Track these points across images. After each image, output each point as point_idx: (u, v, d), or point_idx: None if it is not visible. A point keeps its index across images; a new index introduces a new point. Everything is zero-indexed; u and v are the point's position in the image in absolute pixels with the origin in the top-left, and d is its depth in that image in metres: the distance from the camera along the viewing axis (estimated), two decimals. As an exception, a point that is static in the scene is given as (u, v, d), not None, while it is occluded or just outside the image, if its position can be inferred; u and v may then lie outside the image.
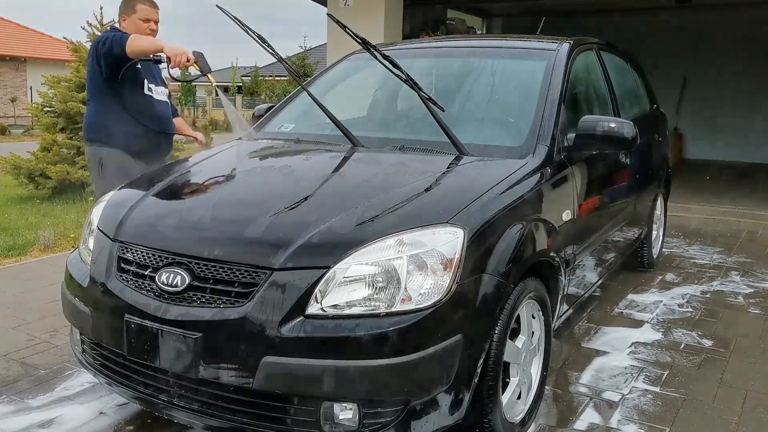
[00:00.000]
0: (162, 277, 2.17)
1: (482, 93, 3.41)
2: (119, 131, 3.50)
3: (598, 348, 3.47)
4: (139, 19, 3.61)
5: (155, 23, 3.68)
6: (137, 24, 3.61)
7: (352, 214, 2.22)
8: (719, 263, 5.20)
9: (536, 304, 2.58)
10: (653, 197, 4.76)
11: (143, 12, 3.62)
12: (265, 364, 1.98)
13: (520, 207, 2.50)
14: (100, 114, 3.53)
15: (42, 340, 3.46)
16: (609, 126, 2.92)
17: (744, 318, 3.99)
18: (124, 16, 3.65)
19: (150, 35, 3.62)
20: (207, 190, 2.76)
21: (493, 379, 2.26)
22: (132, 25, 3.61)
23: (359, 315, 2.01)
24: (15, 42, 27.25)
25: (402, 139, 3.03)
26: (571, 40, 3.52)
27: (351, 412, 2.03)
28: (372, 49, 2.95)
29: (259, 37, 3.10)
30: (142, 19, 3.62)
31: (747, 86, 10.84)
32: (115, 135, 3.51)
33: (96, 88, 3.52)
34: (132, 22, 3.62)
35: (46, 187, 7.75)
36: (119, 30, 3.61)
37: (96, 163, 3.56)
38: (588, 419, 2.74)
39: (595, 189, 3.30)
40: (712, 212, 7.15)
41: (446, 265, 2.09)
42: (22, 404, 2.80)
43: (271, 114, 3.66)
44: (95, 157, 3.57)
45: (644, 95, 4.96)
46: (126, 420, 2.68)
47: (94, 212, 2.67)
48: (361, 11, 8.00)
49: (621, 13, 10.97)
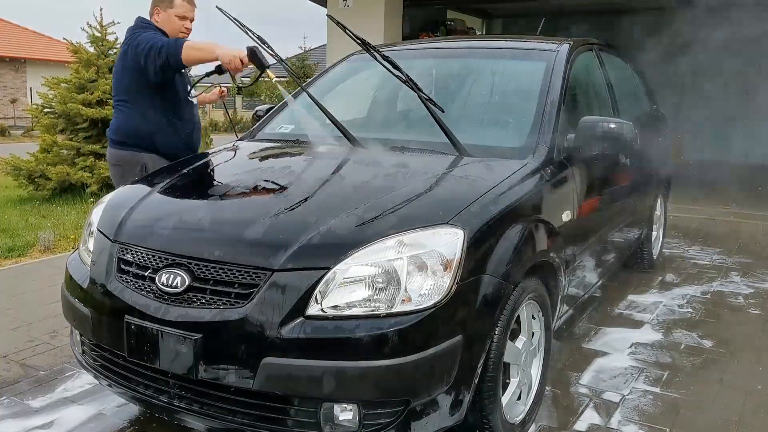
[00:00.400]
0: (162, 278, 2.17)
1: (482, 94, 3.40)
2: (165, 138, 3.37)
3: (599, 349, 3.47)
4: (175, 15, 3.36)
5: (191, 21, 3.44)
6: (172, 21, 3.36)
7: (352, 215, 2.22)
8: (719, 264, 5.20)
9: (536, 305, 2.58)
10: (653, 198, 4.76)
11: (181, 8, 3.37)
12: (266, 365, 1.98)
13: (520, 208, 2.50)
14: (145, 119, 3.33)
15: (42, 341, 3.46)
16: (609, 127, 2.92)
17: (744, 318, 3.99)
18: (158, 9, 3.38)
19: (185, 34, 3.41)
20: (207, 191, 2.76)
21: (493, 379, 2.26)
22: (166, 21, 3.37)
23: (359, 316, 2.01)
24: (15, 43, 27.25)
25: (402, 139, 3.04)
26: (571, 41, 3.52)
27: (351, 413, 2.03)
28: (372, 49, 2.95)
29: (258, 38, 3.10)
30: (178, 16, 3.37)
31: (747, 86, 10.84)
32: (161, 141, 3.37)
33: (137, 91, 3.32)
34: (167, 17, 3.36)
35: (46, 189, 7.75)
36: (150, 24, 3.37)
37: (138, 169, 3.34)
38: (588, 420, 2.74)
39: (595, 190, 3.30)
40: (712, 213, 7.15)
41: (446, 265, 2.09)
42: (22, 405, 2.80)
43: (271, 115, 3.66)
44: (136, 163, 3.37)
45: (644, 96, 4.96)
46: (126, 421, 2.68)
47: (94, 213, 2.66)
48: (361, 12, 8.01)
49: (621, 13, 10.97)
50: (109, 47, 8.23)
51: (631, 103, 4.53)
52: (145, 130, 3.35)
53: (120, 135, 3.41)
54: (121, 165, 3.43)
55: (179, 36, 3.38)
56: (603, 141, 2.96)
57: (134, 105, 3.35)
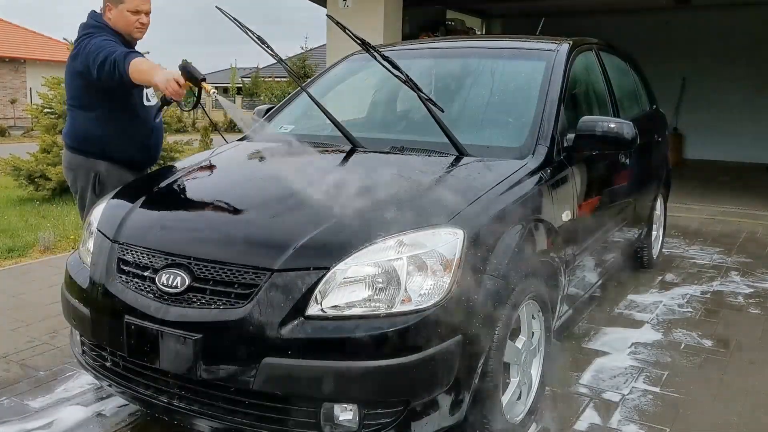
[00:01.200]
0: (162, 279, 2.17)
1: (482, 94, 3.41)
2: (118, 144, 3.19)
3: (598, 348, 3.47)
4: (127, 10, 3.12)
5: (146, 15, 3.19)
6: (125, 16, 3.13)
7: (352, 215, 2.22)
8: (719, 263, 5.20)
9: (536, 305, 2.58)
10: (653, 197, 4.76)
11: (132, 2, 3.11)
12: (266, 366, 1.98)
13: (519, 208, 2.50)
14: (101, 124, 3.16)
15: (42, 341, 3.46)
16: (608, 126, 2.92)
17: (744, 318, 3.99)
18: (108, 5, 3.14)
19: (140, 29, 3.19)
20: (207, 191, 2.76)
21: (493, 379, 2.26)
22: (119, 18, 3.13)
23: (359, 316, 2.01)
24: (15, 43, 27.25)
25: (402, 140, 3.04)
26: (571, 41, 3.52)
27: (351, 413, 2.04)
28: (371, 49, 2.95)
29: (258, 38, 3.10)
30: (131, 11, 3.13)
31: (747, 86, 10.84)
32: (114, 147, 3.18)
33: (87, 95, 3.15)
34: (119, 13, 3.13)
35: (46, 189, 7.75)
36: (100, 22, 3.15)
37: (91, 177, 3.20)
38: (588, 419, 2.74)
39: (594, 189, 3.30)
40: (711, 212, 7.16)
41: (446, 265, 2.09)
42: (22, 406, 2.80)
43: (271, 115, 3.66)
44: (89, 169, 3.21)
45: (644, 95, 4.96)
46: (126, 421, 2.68)
47: (94, 213, 2.67)
48: (361, 12, 8.01)
49: (621, 13, 10.97)
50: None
51: (630, 102, 4.53)
52: (95, 135, 3.18)
53: (71, 139, 3.27)
54: (74, 169, 3.28)
55: (134, 32, 3.19)
56: (603, 141, 2.96)
57: (84, 110, 3.19)
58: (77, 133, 3.24)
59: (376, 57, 2.93)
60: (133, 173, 3.26)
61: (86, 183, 3.23)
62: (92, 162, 3.20)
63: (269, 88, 32.76)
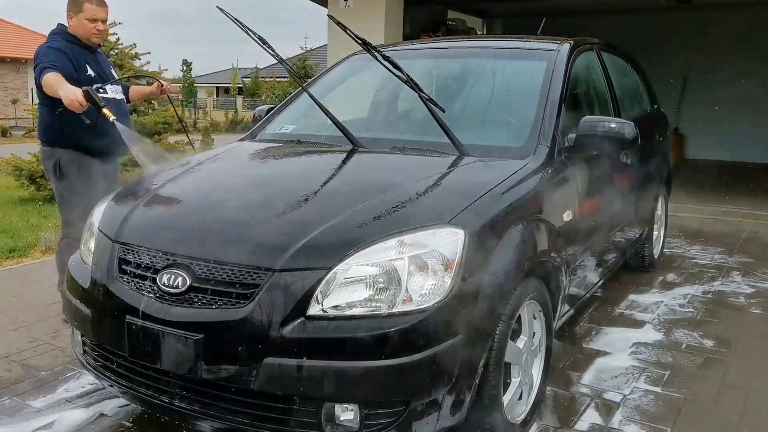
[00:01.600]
0: (163, 279, 2.17)
1: (483, 93, 3.40)
2: (74, 133, 3.49)
3: (600, 348, 3.46)
4: (85, 19, 3.53)
5: (102, 23, 3.60)
6: (83, 24, 3.54)
7: (353, 215, 2.22)
8: (720, 263, 5.19)
9: (537, 305, 2.58)
10: (654, 197, 4.76)
11: (90, 11, 3.52)
12: (267, 365, 1.98)
13: (521, 207, 2.50)
14: (57, 117, 3.47)
15: (43, 341, 3.46)
16: (609, 126, 2.92)
17: (745, 318, 3.99)
18: (70, 14, 3.56)
19: (97, 36, 3.60)
20: (208, 191, 2.75)
21: (494, 379, 2.26)
22: (78, 25, 3.55)
23: (360, 316, 2.01)
24: (16, 44, 27.26)
25: (403, 139, 3.03)
26: (572, 41, 3.52)
27: (352, 413, 2.04)
28: (372, 49, 2.95)
29: (259, 38, 3.10)
30: (88, 19, 3.53)
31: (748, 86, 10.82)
32: (71, 137, 3.52)
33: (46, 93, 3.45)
34: (78, 21, 3.54)
35: (47, 189, 7.72)
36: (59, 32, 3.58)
37: (52, 164, 3.59)
38: (589, 420, 2.74)
39: (595, 189, 3.30)
40: (713, 212, 7.15)
41: (447, 265, 2.09)
42: (23, 406, 2.80)
43: (272, 115, 3.67)
44: (51, 158, 3.60)
45: (645, 95, 4.96)
46: (127, 421, 2.68)
47: (95, 213, 2.67)
48: (362, 12, 8.00)
49: (621, 13, 10.96)
50: (110, 48, 8.23)
51: (631, 102, 4.53)
52: (56, 127, 3.55)
53: (39, 133, 3.70)
54: (44, 161, 3.72)
55: (92, 37, 3.61)
56: (604, 140, 2.95)
57: (46, 104, 3.53)
58: (43, 126, 3.65)
59: (377, 57, 2.93)
60: (97, 160, 3.62)
61: (50, 171, 3.64)
62: (54, 151, 3.61)
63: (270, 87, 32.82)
